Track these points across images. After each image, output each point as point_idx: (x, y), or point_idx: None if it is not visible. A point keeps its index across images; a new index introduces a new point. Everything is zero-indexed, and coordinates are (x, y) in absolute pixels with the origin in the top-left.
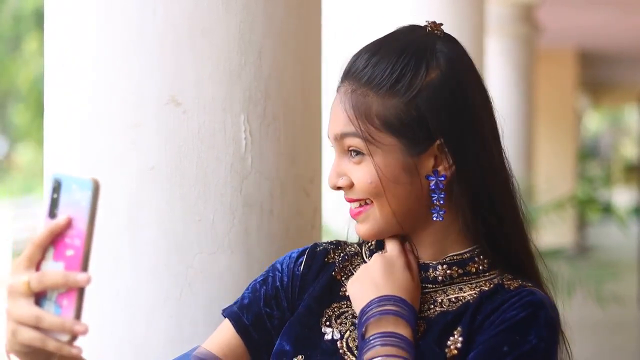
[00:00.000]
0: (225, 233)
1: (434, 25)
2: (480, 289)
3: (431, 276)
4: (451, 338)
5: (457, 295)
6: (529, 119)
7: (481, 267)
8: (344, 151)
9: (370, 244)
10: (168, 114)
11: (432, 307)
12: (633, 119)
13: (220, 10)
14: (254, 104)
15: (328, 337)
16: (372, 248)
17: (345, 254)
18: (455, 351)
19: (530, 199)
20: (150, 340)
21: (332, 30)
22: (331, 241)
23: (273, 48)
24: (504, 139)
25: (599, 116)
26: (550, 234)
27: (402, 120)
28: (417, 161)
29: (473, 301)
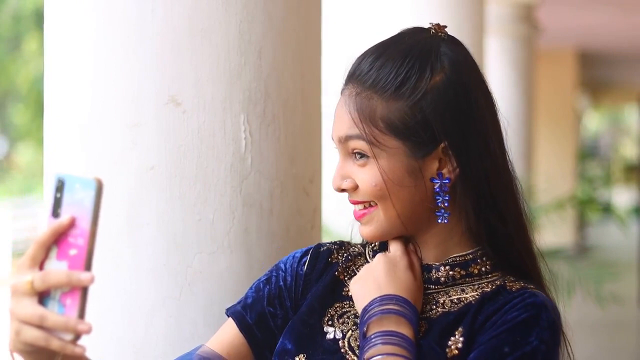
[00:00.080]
0: (225, 233)
1: (438, 27)
2: (482, 291)
3: (434, 277)
4: (452, 338)
5: (459, 297)
6: (529, 119)
7: (484, 269)
8: (348, 154)
9: (373, 245)
10: (168, 114)
11: (434, 307)
12: (633, 119)
13: (220, 10)
14: (254, 104)
15: (330, 336)
16: (376, 249)
17: (349, 255)
18: (455, 351)
19: (530, 199)
20: (149, 340)
21: (332, 30)
22: (335, 241)
23: (273, 48)
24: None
25: (599, 116)
26: (550, 234)
27: (406, 123)
28: (422, 164)
29: (475, 302)
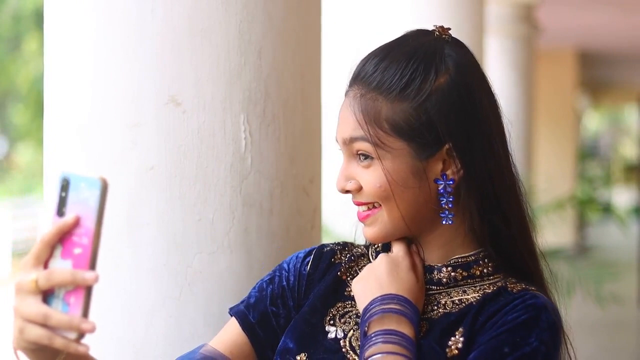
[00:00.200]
0: (225, 233)
1: (442, 29)
2: (483, 292)
3: (435, 278)
4: (452, 338)
5: (461, 298)
6: (529, 119)
7: (485, 271)
8: (352, 155)
9: (376, 246)
10: (168, 114)
11: (435, 308)
12: (633, 119)
13: (220, 10)
14: (254, 104)
15: (331, 335)
16: (379, 250)
17: (352, 255)
18: (455, 351)
19: (530, 199)
20: (149, 340)
21: (332, 30)
22: (338, 242)
23: (273, 48)
24: None
25: (599, 116)
26: (550, 234)
27: (411, 125)
28: (426, 165)
29: (476, 303)
